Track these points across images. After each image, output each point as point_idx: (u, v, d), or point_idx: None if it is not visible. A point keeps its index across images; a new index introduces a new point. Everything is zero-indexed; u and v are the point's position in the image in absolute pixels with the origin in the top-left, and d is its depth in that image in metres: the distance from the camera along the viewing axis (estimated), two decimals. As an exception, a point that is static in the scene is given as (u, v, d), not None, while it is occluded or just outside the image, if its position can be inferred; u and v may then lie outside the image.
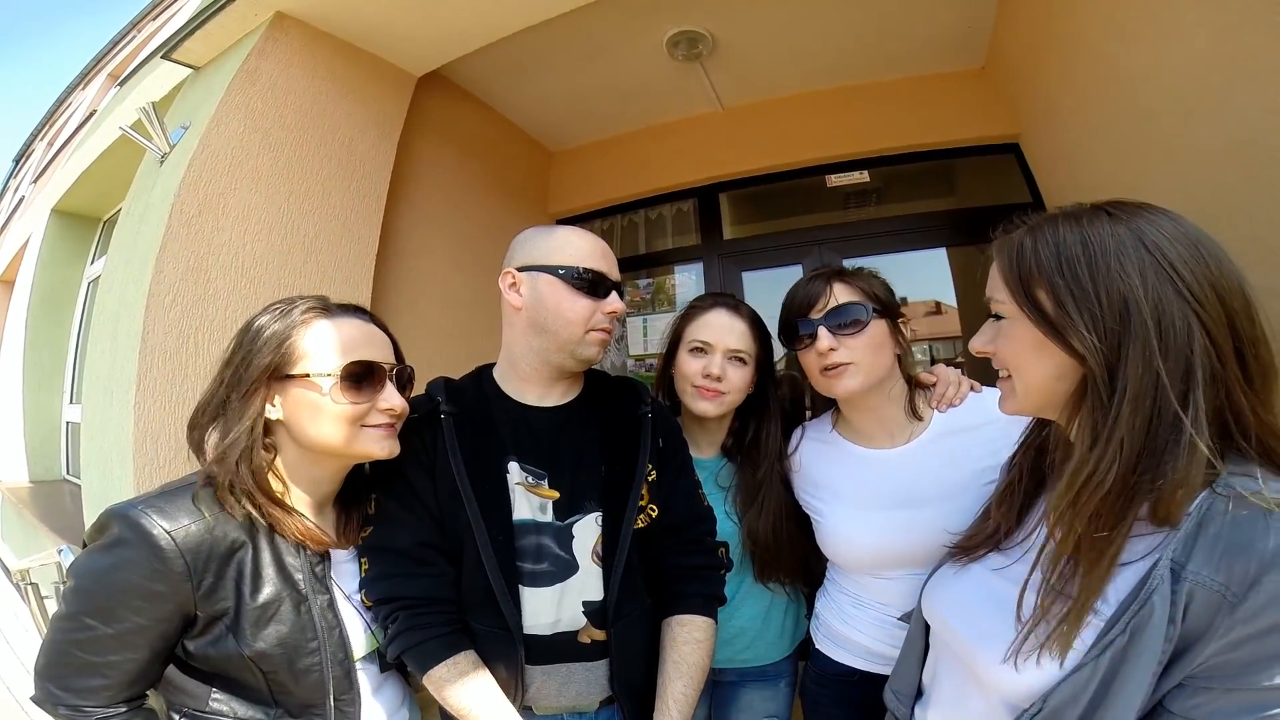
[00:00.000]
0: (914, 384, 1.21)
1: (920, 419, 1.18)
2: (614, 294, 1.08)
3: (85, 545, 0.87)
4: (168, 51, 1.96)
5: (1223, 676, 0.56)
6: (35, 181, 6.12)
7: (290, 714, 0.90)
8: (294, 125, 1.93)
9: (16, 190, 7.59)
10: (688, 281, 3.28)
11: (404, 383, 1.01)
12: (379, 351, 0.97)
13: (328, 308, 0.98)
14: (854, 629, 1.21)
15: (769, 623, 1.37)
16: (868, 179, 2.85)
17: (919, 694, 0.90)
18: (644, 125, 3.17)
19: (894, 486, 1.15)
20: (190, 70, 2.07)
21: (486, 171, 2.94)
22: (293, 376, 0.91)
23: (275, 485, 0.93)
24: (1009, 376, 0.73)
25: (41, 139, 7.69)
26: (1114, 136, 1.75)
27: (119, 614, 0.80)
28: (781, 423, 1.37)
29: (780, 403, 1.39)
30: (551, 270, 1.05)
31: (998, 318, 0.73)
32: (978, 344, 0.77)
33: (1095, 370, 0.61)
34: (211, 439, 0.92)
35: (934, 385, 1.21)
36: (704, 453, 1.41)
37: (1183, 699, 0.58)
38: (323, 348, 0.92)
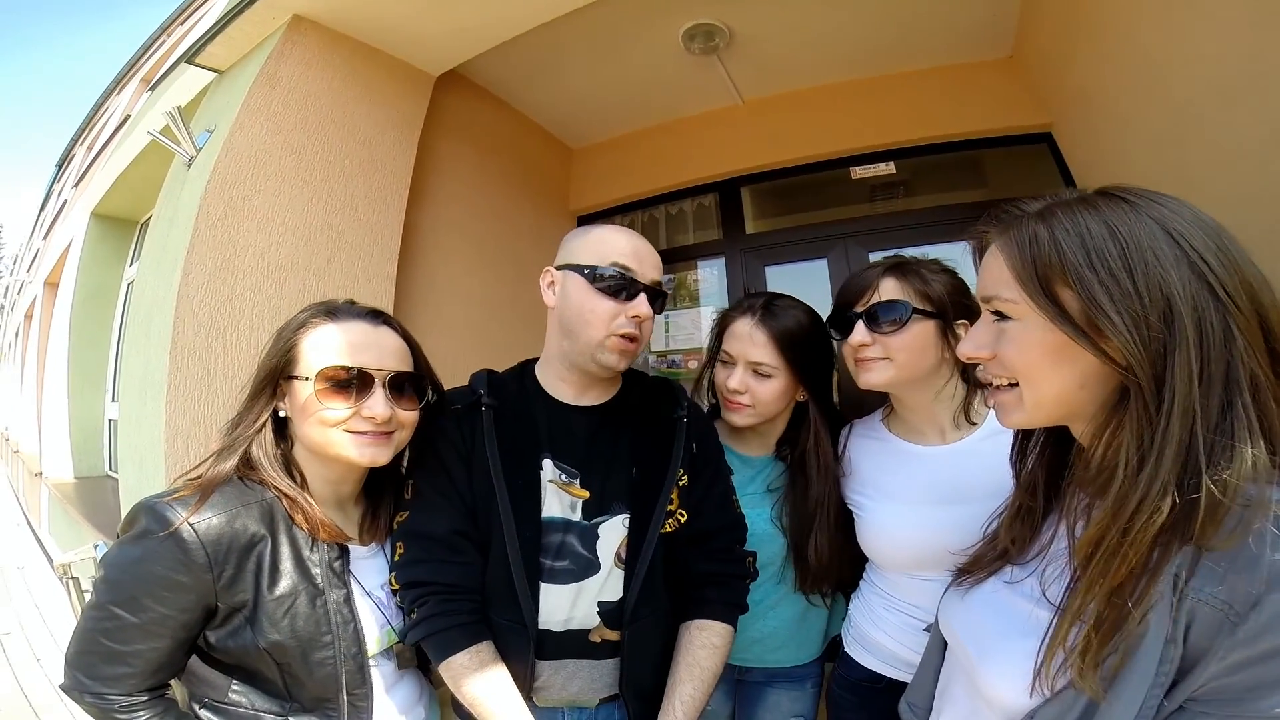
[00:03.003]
0: (976, 387, 1.15)
1: (974, 424, 1.15)
2: (641, 296, 1.02)
3: (119, 537, 0.90)
4: (192, 56, 2.01)
5: (1222, 701, 0.52)
6: (76, 185, 6.35)
7: (304, 708, 0.92)
8: (315, 127, 1.96)
9: (60, 194, 7.90)
10: (710, 277, 3.24)
11: (403, 390, 0.99)
12: (377, 358, 0.97)
13: (336, 312, 1.00)
14: (883, 632, 1.19)
15: (803, 626, 1.35)
16: (893, 171, 2.77)
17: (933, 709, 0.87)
18: (664, 120, 3.15)
19: (941, 482, 1.13)
20: (214, 74, 2.12)
21: (507, 170, 2.95)
22: (294, 378, 0.95)
23: (294, 477, 0.96)
24: (1012, 385, 0.65)
25: (81, 143, 7.98)
26: (1150, 126, 1.68)
27: (144, 604, 0.83)
28: (830, 430, 1.30)
29: (828, 412, 1.31)
30: (579, 269, 1.03)
31: (1001, 317, 0.64)
32: (969, 349, 0.68)
33: (1142, 380, 0.54)
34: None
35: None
36: (753, 451, 1.38)
37: None
38: (316, 351, 0.95)
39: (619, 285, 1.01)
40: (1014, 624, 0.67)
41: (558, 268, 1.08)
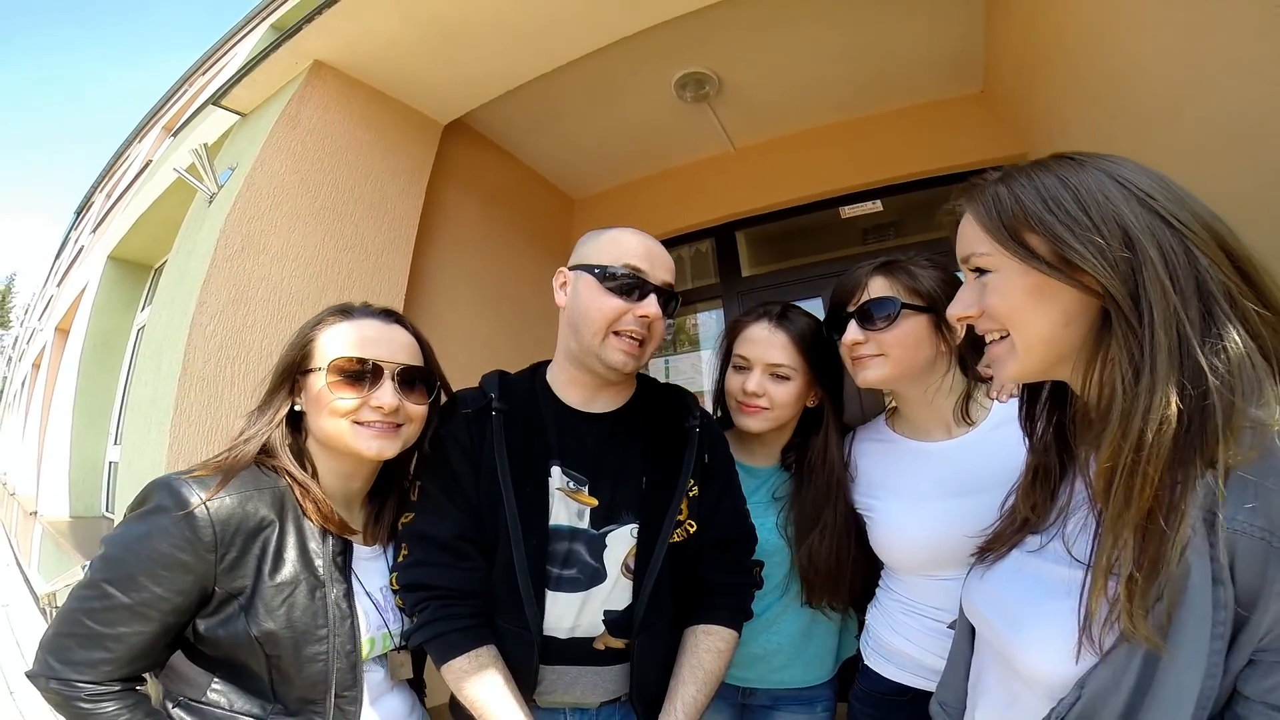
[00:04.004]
0: (978, 382, 1.15)
1: (971, 422, 1.15)
2: (651, 297, 1.01)
3: (125, 516, 0.89)
4: (218, 98, 2.15)
5: None
6: (94, 231, 6.55)
7: (287, 710, 0.88)
8: (330, 168, 2.07)
9: (77, 241, 8.13)
10: (708, 321, 3.31)
11: (413, 384, 1.01)
12: (387, 350, 0.99)
13: (351, 310, 1.03)
14: (905, 639, 1.16)
15: (808, 641, 1.30)
16: (880, 209, 2.88)
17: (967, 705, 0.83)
18: (660, 168, 3.29)
19: (950, 475, 1.12)
20: (238, 116, 2.25)
21: (511, 218, 3.06)
22: (308, 371, 0.97)
23: (306, 469, 0.98)
24: (1004, 337, 0.67)
25: (101, 190, 8.27)
26: (1113, 144, 1.78)
27: (139, 582, 0.81)
28: (841, 435, 1.30)
29: (841, 416, 1.31)
30: (591, 269, 1.04)
31: (980, 274, 0.68)
32: (958, 309, 0.71)
33: (1118, 297, 0.56)
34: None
35: (993, 376, 1.18)
36: (758, 462, 1.37)
37: (1256, 679, 0.50)
38: (331, 345, 0.97)
39: (629, 285, 1.01)
40: (1045, 588, 0.65)
41: (570, 268, 1.09)
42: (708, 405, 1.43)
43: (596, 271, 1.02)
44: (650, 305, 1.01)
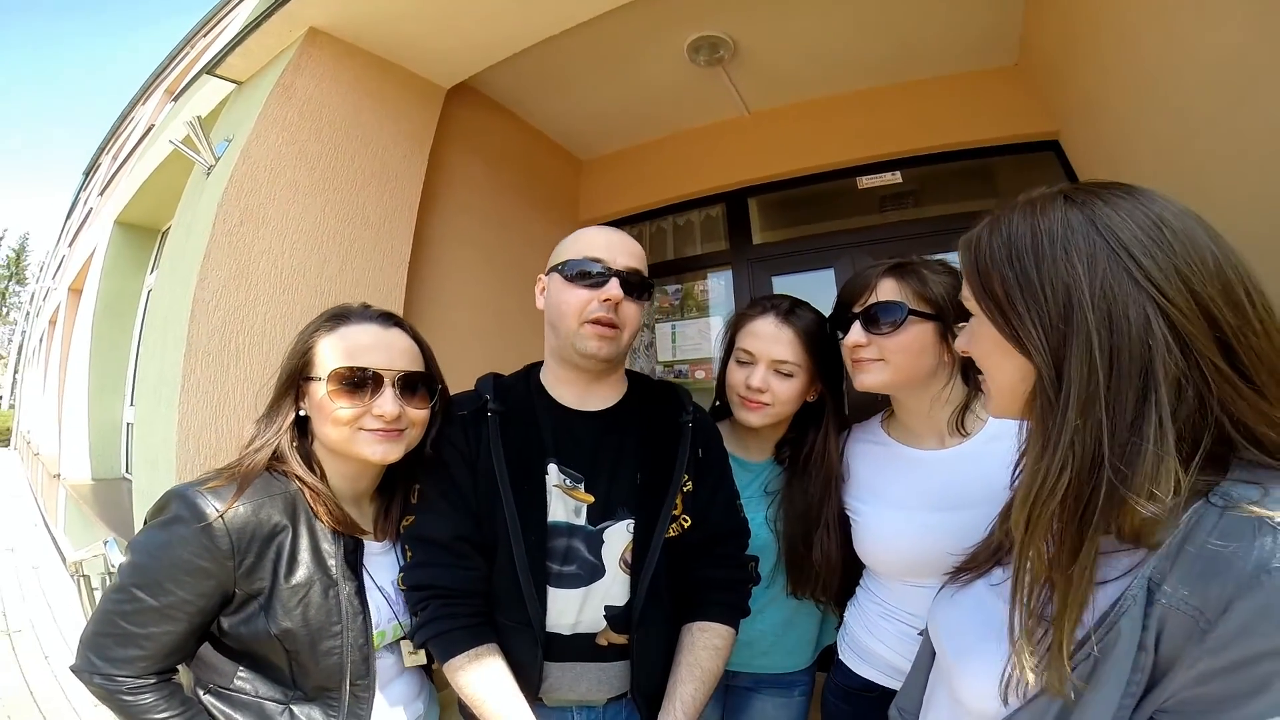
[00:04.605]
0: (978, 392, 1.14)
1: (965, 433, 1.13)
2: (612, 281, 1.03)
3: (146, 523, 0.94)
4: (212, 68, 2.07)
5: (1191, 713, 0.50)
6: (101, 194, 6.51)
7: (306, 697, 0.94)
8: (329, 138, 2.00)
9: (85, 202, 8.10)
10: (717, 287, 3.25)
11: (414, 389, 1.02)
12: (386, 358, 1.00)
13: (349, 315, 1.04)
14: (879, 641, 1.18)
15: (790, 630, 1.34)
16: (900, 180, 2.78)
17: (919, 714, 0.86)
18: (671, 132, 3.18)
19: (939, 487, 1.11)
20: (234, 85, 2.17)
21: (517, 181, 2.99)
22: (310, 379, 1.00)
23: (315, 472, 1.01)
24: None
25: (107, 153, 8.19)
26: (1154, 131, 1.68)
27: (165, 587, 0.87)
28: (839, 432, 1.30)
29: (840, 413, 1.31)
30: (558, 268, 1.08)
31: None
32: (960, 344, 0.72)
33: (1042, 369, 0.56)
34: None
35: None
36: (752, 456, 1.38)
37: None
38: (329, 353, 0.99)
39: (591, 274, 1.04)
40: (992, 627, 0.65)
41: (545, 273, 1.13)
42: (715, 374, 1.41)
43: (561, 268, 1.07)
44: (612, 288, 1.03)
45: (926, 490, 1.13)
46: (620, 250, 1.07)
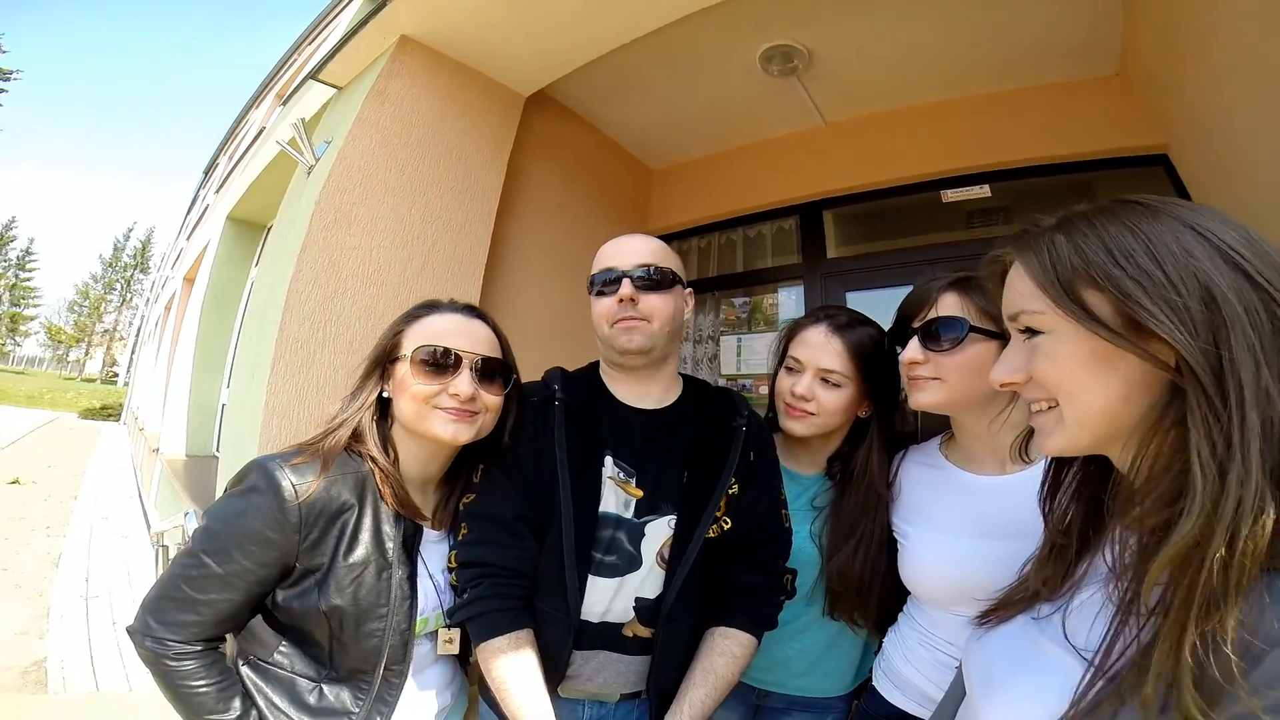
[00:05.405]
0: None
1: (1028, 460, 1.04)
2: (623, 283, 1.09)
3: (225, 491, 0.99)
4: (316, 73, 2.23)
5: None
6: (217, 192, 7.15)
7: (338, 677, 0.97)
8: (417, 142, 2.11)
9: (203, 199, 8.92)
10: (788, 301, 3.18)
11: (490, 375, 1.06)
12: (467, 343, 1.05)
13: (438, 306, 1.10)
14: (914, 668, 1.12)
15: (831, 652, 1.29)
16: (989, 194, 2.62)
17: None
18: (744, 142, 3.15)
19: (993, 514, 1.05)
20: (335, 90, 2.34)
21: (589, 189, 3.05)
22: (396, 360, 1.05)
23: (389, 454, 1.05)
24: (1052, 407, 0.59)
25: (224, 153, 9.00)
26: (1271, 142, 1.53)
27: (232, 555, 0.90)
28: (886, 452, 1.25)
29: (889, 430, 1.27)
30: (589, 285, 1.16)
31: (1031, 334, 0.60)
32: (1002, 373, 0.63)
33: (1198, 370, 0.48)
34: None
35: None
36: (803, 469, 1.35)
37: None
38: (417, 336, 1.05)
39: (607, 283, 1.11)
40: (1031, 661, 0.60)
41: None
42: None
43: (590, 285, 1.16)
44: (624, 289, 1.08)
45: (979, 516, 1.06)
46: (629, 251, 1.13)
